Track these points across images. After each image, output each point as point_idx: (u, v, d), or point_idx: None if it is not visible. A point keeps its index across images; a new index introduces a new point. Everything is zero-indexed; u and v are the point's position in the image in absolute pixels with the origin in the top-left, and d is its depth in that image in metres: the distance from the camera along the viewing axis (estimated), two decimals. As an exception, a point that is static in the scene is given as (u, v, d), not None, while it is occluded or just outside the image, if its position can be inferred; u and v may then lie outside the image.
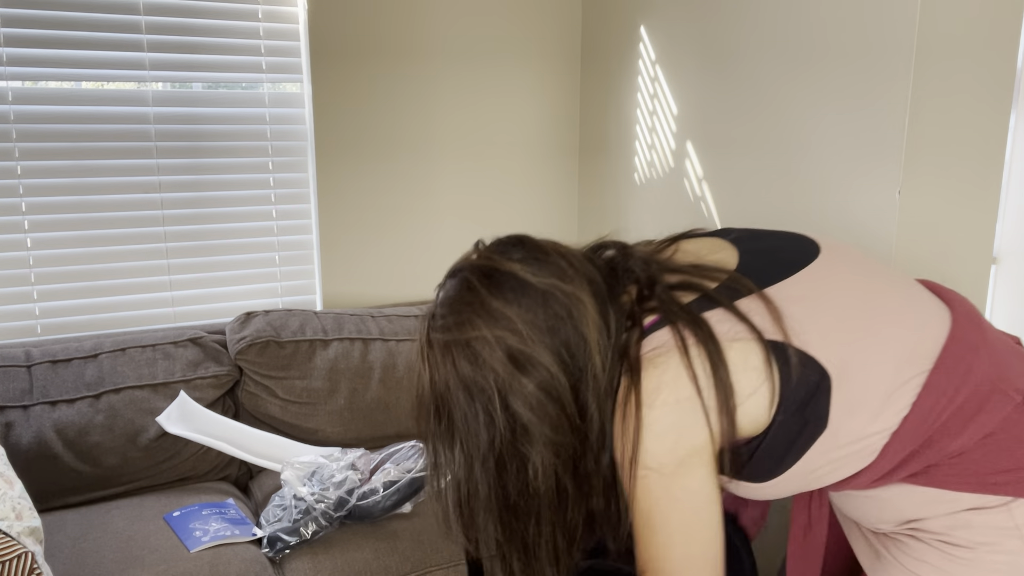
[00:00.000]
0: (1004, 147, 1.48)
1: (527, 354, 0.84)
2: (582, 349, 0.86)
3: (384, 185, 2.41)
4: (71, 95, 2.03)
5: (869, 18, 1.58)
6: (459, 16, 2.41)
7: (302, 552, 1.63)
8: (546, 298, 0.86)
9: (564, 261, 0.89)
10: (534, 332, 0.85)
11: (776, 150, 1.84)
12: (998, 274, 1.57)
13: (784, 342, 0.84)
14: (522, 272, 0.87)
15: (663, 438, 0.82)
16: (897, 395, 0.85)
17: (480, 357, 0.85)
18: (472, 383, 0.86)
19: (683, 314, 0.85)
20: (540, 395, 0.85)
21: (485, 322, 0.85)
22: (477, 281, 0.87)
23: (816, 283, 0.90)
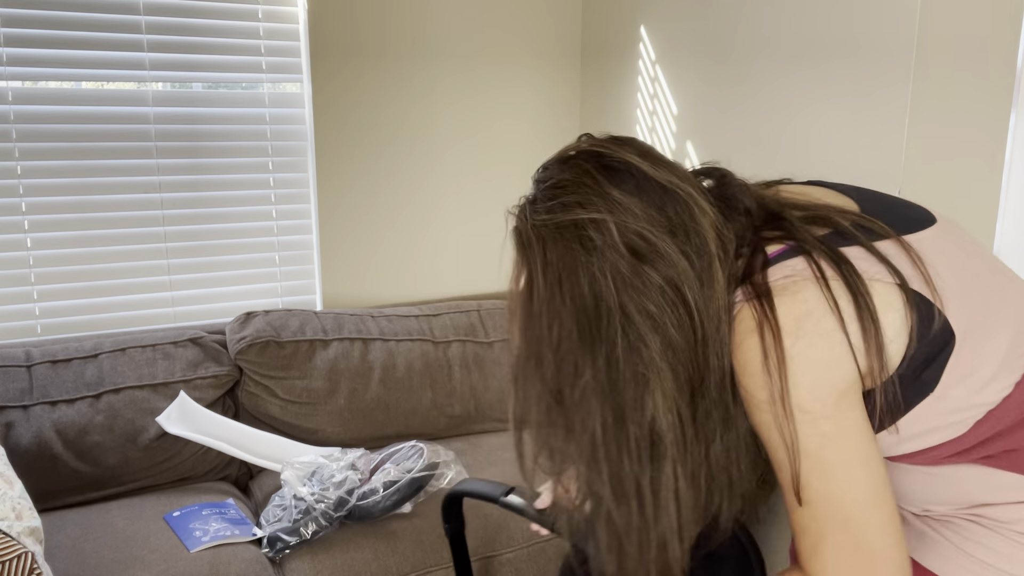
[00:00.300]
0: (1004, 147, 1.48)
1: (652, 244, 0.74)
2: (705, 256, 0.75)
3: (384, 185, 2.41)
4: (71, 95, 2.03)
5: (869, 18, 1.58)
6: (459, 16, 2.41)
7: (302, 552, 1.63)
8: (666, 194, 0.76)
9: (680, 168, 0.81)
10: (656, 224, 0.75)
11: (776, 150, 1.84)
12: (998, 274, 1.57)
13: (927, 296, 0.77)
14: (641, 164, 0.77)
15: (813, 372, 0.73)
16: (1005, 372, 0.80)
17: (596, 243, 0.74)
18: (586, 273, 0.74)
19: (819, 245, 0.76)
20: (666, 291, 0.74)
21: (606, 205, 0.75)
22: (593, 167, 0.77)
23: (944, 243, 0.83)
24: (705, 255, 0.75)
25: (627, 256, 0.73)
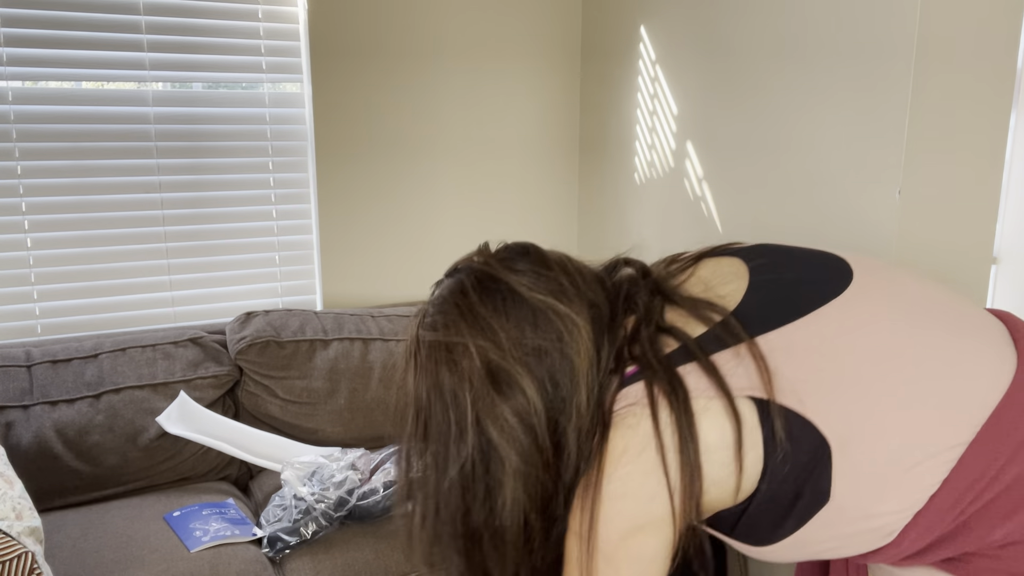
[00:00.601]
0: (1004, 147, 1.48)
1: (507, 372, 0.77)
2: (568, 378, 0.78)
3: (384, 185, 2.41)
4: (71, 95, 2.03)
5: (869, 18, 1.58)
6: (459, 16, 2.41)
7: (302, 552, 1.63)
8: (538, 316, 0.79)
9: (567, 279, 0.82)
10: (518, 350, 0.78)
11: (776, 150, 1.84)
12: (998, 274, 1.57)
13: (767, 400, 0.74)
14: (518, 284, 0.81)
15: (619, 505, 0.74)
16: (924, 469, 0.72)
17: (459, 366, 0.79)
18: (448, 391, 0.79)
19: (661, 370, 0.76)
20: (514, 420, 0.77)
21: (470, 329, 0.79)
22: (470, 285, 0.82)
23: (831, 327, 0.78)
24: (570, 378, 0.78)
25: (487, 383, 0.77)
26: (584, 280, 0.83)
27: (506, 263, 0.83)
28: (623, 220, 2.46)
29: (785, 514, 0.77)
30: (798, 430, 0.74)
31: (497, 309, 0.79)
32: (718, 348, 0.78)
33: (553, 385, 0.78)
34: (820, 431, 0.74)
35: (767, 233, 1.90)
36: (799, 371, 0.75)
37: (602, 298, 0.83)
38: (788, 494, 0.76)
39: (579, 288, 0.82)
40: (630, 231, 2.43)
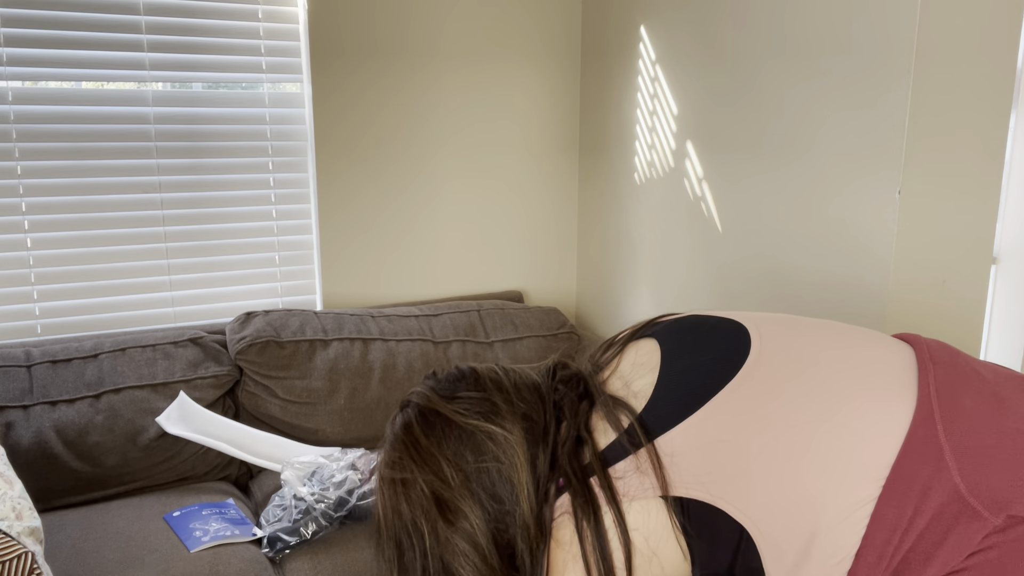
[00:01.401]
0: (1004, 147, 1.48)
1: (451, 502, 0.85)
2: (510, 494, 0.85)
3: (384, 185, 2.41)
4: (71, 95, 2.03)
5: (869, 18, 1.58)
6: (459, 16, 2.41)
7: (302, 552, 1.63)
8: (475, 440, 0.86)
9: (501, 396, 0.89)
10: (459, 476, 0.85)
11: (776, 150, 1.84)
12: (998, 274, 1.57)
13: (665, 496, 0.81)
14: (453, 413, 0.88)
15: None
16: (844, 532, 0.77)
17: (412, 499, 0.86)
18: (409, 520, 0.87)
19: (577, 484, 0.84)
20: (464, 545, 0.84)
21: (417, 464, 0.87)
22: (414, 419, 0.89)
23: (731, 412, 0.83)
24: (511, 493, 0.85)
25: (435, 513, 0.86)
26: (519, 394, 0.90)
27: (444, 392, 0.91)
28: (623, 220, 2.46)
29: None
30: (712, 519, 0.80)
31: (438, 441, 0.87)
32: (622, 456, 0.84)
33: (497, 502, 0.85)
34: (733, 518, 0.79)
35: (767, 233, 1.90)
36: (704, 464, 0.81)
37: (537, 408, 0.90)
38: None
39: (513, 404, 0.89)
40: (630, 231, 2.43)
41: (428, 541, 0.86)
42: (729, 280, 2.04)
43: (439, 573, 0.86)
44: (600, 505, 0.82)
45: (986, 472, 0.76)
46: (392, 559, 0.91)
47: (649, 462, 0.82)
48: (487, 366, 0.95)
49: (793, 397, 0.83)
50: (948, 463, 0.77)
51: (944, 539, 0.75)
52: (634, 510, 0.81)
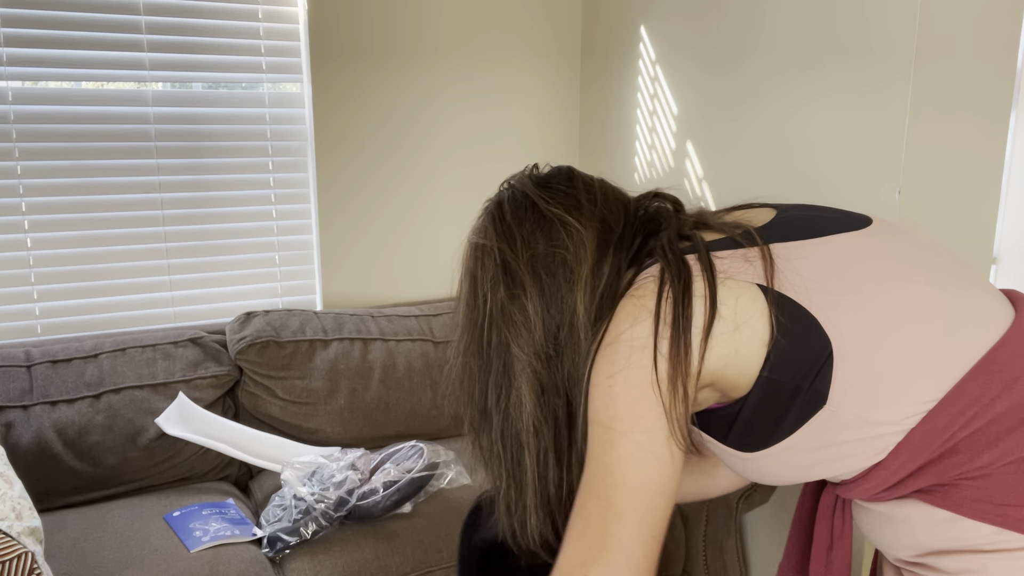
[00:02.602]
0: (1004, 147, 1.48)
1: (516, 274, 0.91)
2: (568, 280, 0.90)
3: (384, 185, 2.41)
4: (71, 95, 2.03)
5: (869, 18, 1.58)
6: (459, 16, 2.41)
7: (302, 552, 1.63)
8: (551, 227, 0.91)
9: (586, 196, 0.94)
10: (527, 253, 0.91)
11: (776, 150, 1.84)
12: (998, 274, 1.57)
13: (768, 287, 0.80)
14: (539, 199, 0.94)
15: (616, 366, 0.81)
16: (917, 389, 0.77)
17: (485, 265, 0.94)
18: (479, 282, 0.94)
19: (671, 255, 0.84)
20: (518, 316, 0.90)
21: (496, 234, 0.94)
22: (506, 198, 0.97)
23: (848, 249, 0.84)
24: (571, 281, 0.90)
25: (500, 280, 0.92)
26: (605, 200, 0.95)
27: (539, 180, 0.97)
28: (623, 220, 2.46)
29: (783, 412, 0.81)
30: (802, 325, 0.79)
31: (518, 218, 0.93)
32: (730, 247, 0.85)
33: (554, 287, 0.90)
34: (824, 330, 0.78)
35: (767, 233, 1.90)
36: (812, 273, 0.81)
37: (618, 217, 0.94)
38: (787, 389, 0.80)
39: (596, 206, 0.94)
40: (630, 231, 2.43)
41: (491, 306, 0.92)
42: (729, 280, 2.04)
43: (495, 342, 0.92)
44: (692, 273, 0.82)
45: None
46: (460, 322, 0.98)
47: (759, 254, 0.83)
48: (588, 174, 0.99)
49: (913, 263, 0.84)
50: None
51: (1017, 428, 0.76)
52: (728, 287, 0.81)
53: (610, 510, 0.79)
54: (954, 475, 0.77)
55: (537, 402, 0.90)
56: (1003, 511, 0.75)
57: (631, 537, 0.79)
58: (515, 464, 0.93)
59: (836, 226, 0.88)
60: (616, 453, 0.80)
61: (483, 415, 0.95)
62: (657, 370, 0.79)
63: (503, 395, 0.91)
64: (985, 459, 0.76)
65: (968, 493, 0.77)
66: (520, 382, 0.90)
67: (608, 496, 0.80)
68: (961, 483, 0.77)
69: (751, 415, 0.83)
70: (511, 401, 0.91)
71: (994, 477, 0.76)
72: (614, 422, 0.80)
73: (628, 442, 0.80)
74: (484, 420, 0.95)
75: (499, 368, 0.92)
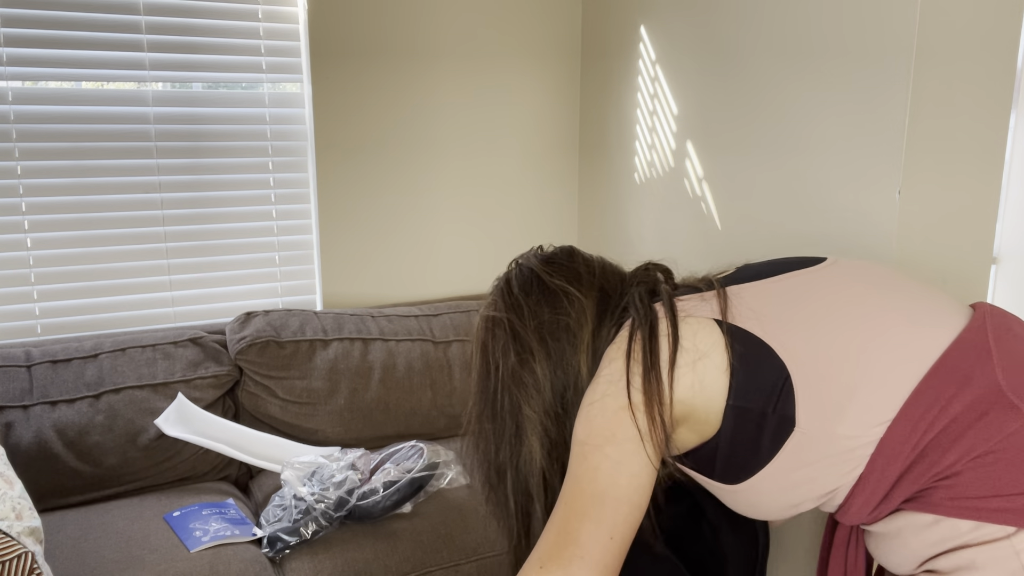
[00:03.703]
0: (1004, 147, 1.48)
1: (525, 341, 0.99)
2: (572, 345, 0.98)
3: (384, 185, 2.41)
4: (71, 95, 2.03)
5: (869, 18, 1.58)
6: (459, 16, 2.41)
7: (302, 552, 1.63)
8: (555, 297, 1.00)
9: (585, 268, 1.04)
10: (534, 322, 0.99)
11: (776, 150, 1.85)
12: (998, 274, 1.57)
13: (720, 320, 0.89)
14: (543, 273, 1.03)
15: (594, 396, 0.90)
16: (881, 399, 0.82)
17: (496, 335, 1.02)
18: (490, 353, 1.02)
19: (641, 307, 0.94)
20: (528, 379, 0.98)
21: (505, 306, 1.03)
22: (514, 275, 1.06)
23: (801, 283, 0.93)
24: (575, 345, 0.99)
25: (511, 349, 1.00)
26: (603, 273, 1.04)
27: (543, 258, 1.07)
28: (623, 220, 2.46)
29: (757, 440, 0.87)
30: (758, 353, 0.87)
31: (525, 291, 1.03)
32: (691, 293, 0.96)
33: (560, 351, 0.98)
34: (779, 356, 0.86)
35: (767, 233, 1.90)
36: (764, 307, 0.90)
37: (615, 287, 1.03)
38: (754, 416, 0.86)
39: (594, 277, 1.03)
40: (630, 231, 2.43)
41: (502, 371, 1.00)
42: (729, 280, 2.04)
43: (508, 405, 1.00)
44: (658, 316, 0.92)
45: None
46: (473, 391, 1.07)
47: (715, 295, 0.93)
48: (588, 253, 1.10)
49: (862, 287, 0.91)
50: (994, 361, 0.82)
51: (975, 423, 0.80)
52: (688, 323, 0.91)
53: (572, 513, 0.86)
54: (928, 479, 0.81)
55: (547, 456, 0.98)
56: (976, 504, 0.78)
57: (589, 537, 0.84)
58: (526, 515, 1.01)
59: (789, 267, 0.97)
60: (587, 464, 0.87)
61: (498, 473, 1.03)
62: (631, 398, 0.87)
63: (515, 452, 0.99)
64: (951, 458, 0.80)
65: (944, 493, 0.80)
66: (531, 439, 0.98)
67: (573, 501, 0.86)
68: (937, 485, 0.81)
69: (729, 447, 0.90)
70: (522, 457, 0.99)
71: (963, 475, 0.79)
72: (589, 438, 0.88)
73: (598, 454, 0.87)
74: (499, 477, 1.03)
75: (512, 428, 0.99)
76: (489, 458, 1.03)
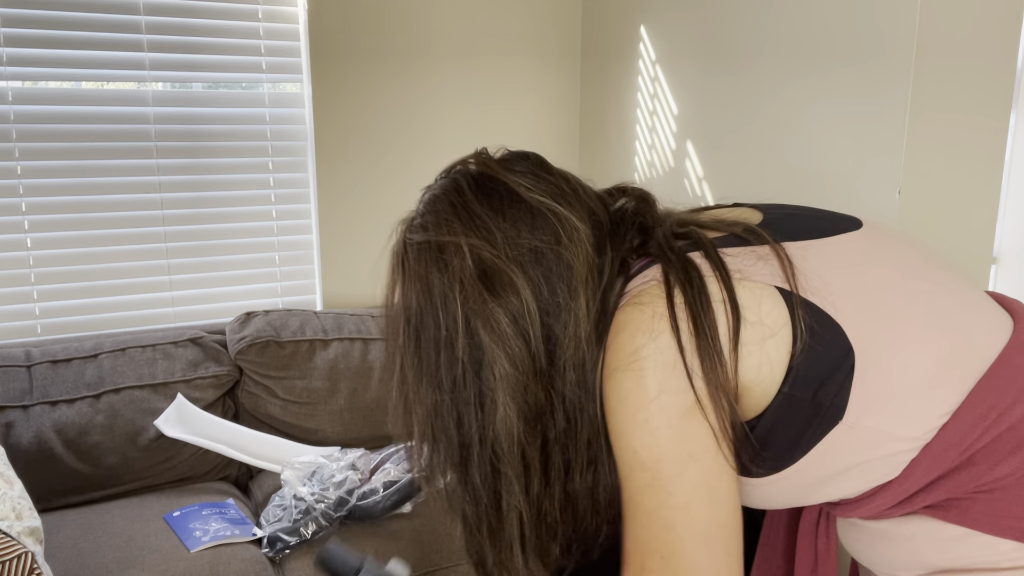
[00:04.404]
0: (1004, 147, 1.47)
1: (500, 272, 0.73)
2: (566, 284, 0.74)
3: (384, 185, 2.41)
4: (71, 95, 2.03)
5: (869, 18, 1.58)
6: (459, 16, 2.41)
7: (302, 552, 1.63)
8: (536, 217, 0.75)
9: (568, 185, 0.79)
10: (513, 250, 0.74)
11: (776, 150, 1.84)
12: (998, 274, 1.57)
13: (791, 291, 0.70)
14: (516, 184, 0.77)
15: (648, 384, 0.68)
16: (935, 399, 0.70)
17: (450, 265, 0.74)
18: (439, 294, 0.74)
19: (674, 257, 0.72)
20: (506, 323, 0.72)
21: (463, 227, 0.75)
22: (466, 184, 0.78)
23: (858, 249, 0.76)
24: (568, 282, 0.74)
25: (478, 284, 0.73)
26: (585, 192, 0.80)
27: (505, 164, 0.80)
28: (623, 220, 2.46)
29: (800, 432, 0.72)
30: (826, 331, 0.70)
31: (494, 208, 0.76)
32: (738, 245, 0.73)
33: (550, 290, 0.74)
34: (847, 336, 0.70)
35: (767, 233, 1.90)
36: (830, 276, 0.72)
37: (602, 209, 0.80)
38: (807, 406, 0.71)
39: (580, 196, 0.79)
40: (630, 231, 2.43)
41: (460, 318, 0.73)
42: (729, 280, 2.04)
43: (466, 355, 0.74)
44: (704, 272, 0.70)
45: None
46: (417, 346, 0.77)
47: (773, 253, 0.72)
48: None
49: (917, 265, 0.77)
50: None
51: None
52: (746, 288, 0.70)
53: (683, 568, 0.68)
54: (969, 488, 0.71)
55: (526, 425, 0.74)
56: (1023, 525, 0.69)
57: None
58: (496, 500, 0.77)
59: (834, 227, 0.79)
60: (674, 503, 0.68)
61: (461, 451, 0.76)
62: (695, 391, 0.68)
63: (483, 422, 0.74)
64: (1003, 470, 0.70)
65: (985, 507, 0.70)
66: (507, 403, 0.73)
67: (675, 554, 0.68)
68: (977, 497, 0.71)
69: (766, 436, 0.73)
70: (495, 427, 0.74)
71: (1011, 489, 0.70)
72: (662, 464, 0.68)
73: (684, 485, 0.68)
74: (462, 458, 0.77)
75: (475, 389, 0.74)
76: (448, 434, 0.76)
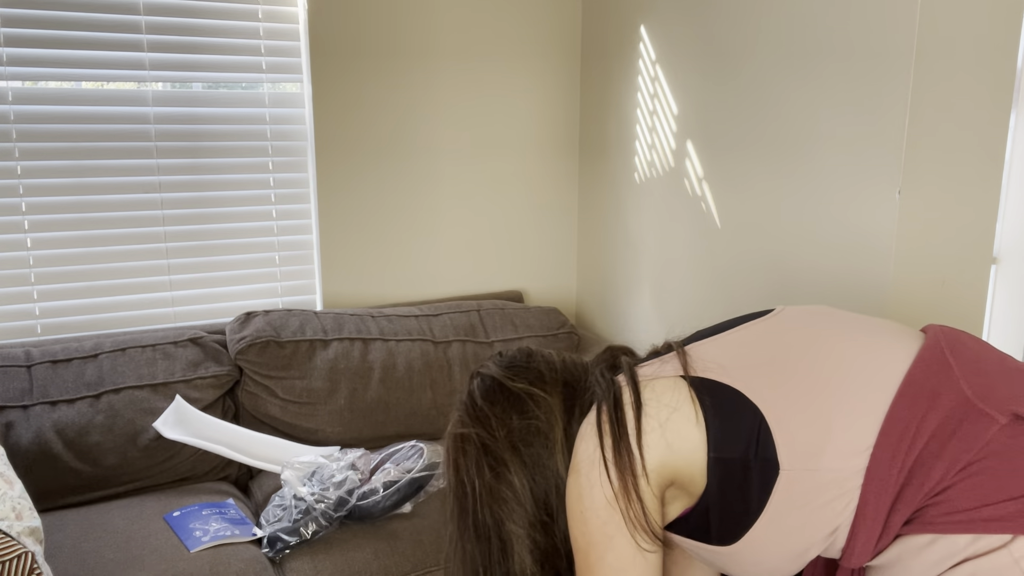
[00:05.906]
0: (1004, 147, 1.47)
1: (496, 453, 0.96)
2: (545, 448, 0.96)
3: (384, 185, 2.41)
4: (71, 95, 2.03)
5: (869, 18, 1.58)
6: (459, 16, 2.41)
7: (302, 552, 1.63)
8: (520, 402, 0.98)
9: (545, 365, 1.01)
10: (503, 431, 0.96)
11: (776, 150, 1.85)
12: (998, 274, 1.57)
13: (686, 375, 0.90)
14: (504, 379, 1.00)
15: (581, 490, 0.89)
16: (858, 427, 0.83)
17: (467, 452, 0.98)
18: (464, 471, 0.98)
19: (604, 384, 0.94)
20: (507, 493, 0.95)
21: (472, 421, 0.99)
22: (476, 386, 1.03)
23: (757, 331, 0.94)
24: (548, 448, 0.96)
25: (484, 464, 0.97)
26: (564, 366, 1.02)
27: (501, 364, 1.04)
28: (623, 220, 2.46)
29: (746, 490, 0.86)
30: (729, 400, 0.87)
31: (491, 402, 0.99)
32: (653, 359, 0.96)
33: (535, 456, 0.96)
34: (749, 399, 0.86)
35: (767, 233, 1.90)
36: (726, 356, 0.91)
37: (580, 377, 1.01)
38: (738, 465, 0.86)
39: (556, 373, 1.01)
40: (630, 231, 2.43)
41: (479, 490, 0.97)
42: (729, 280, 2.04)
43: (489, 523, 0.96)
44: (620, 386, 0.92)
45: (990, 385, 0.84)
46: (454, 514, 1.02)
47: (674, 355, 0.93)
48: (547, 350, 1.07)
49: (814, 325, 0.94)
50: (956, 374, 0.84)
51: (953, 435, 0.80)
52: (651, 386, 0.91)
53: None
54: (921, 499, 0.81)
55: (539, 567, 0.95)
56: (969, 517, 0.78)
57: None
58: None
59: (740, 322, 0.98)
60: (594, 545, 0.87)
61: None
62: (611, 480, 0.87)
63: (505, 569, 0.96)
64: (937, 474, 0.80)
65: (936, 510, 0.80)
66: (520, 553, 0.95)
67: None
68: (929, 504, 0.81)
69: (719, 504, 0.88)
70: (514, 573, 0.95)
71: (953, 488, 0.80)
72: (590, 548, 0.88)
73: (604, 567, 0.87)
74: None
75: (497, 545, 0.96)
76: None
